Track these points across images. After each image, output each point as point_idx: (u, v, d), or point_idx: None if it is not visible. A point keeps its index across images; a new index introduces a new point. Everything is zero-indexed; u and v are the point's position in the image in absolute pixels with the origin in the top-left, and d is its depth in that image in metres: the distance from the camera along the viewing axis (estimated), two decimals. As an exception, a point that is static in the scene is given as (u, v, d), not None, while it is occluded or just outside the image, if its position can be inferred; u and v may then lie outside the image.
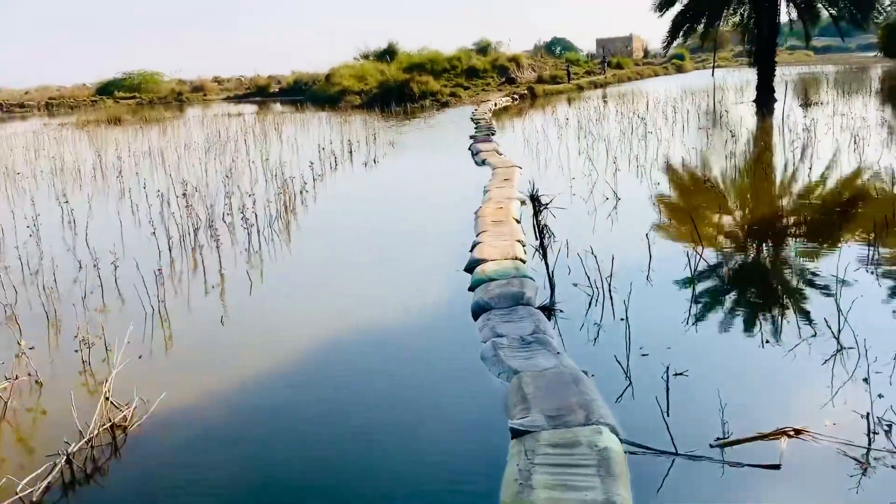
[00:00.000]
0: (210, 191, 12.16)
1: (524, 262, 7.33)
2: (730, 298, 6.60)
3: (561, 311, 6.05)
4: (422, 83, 34.96)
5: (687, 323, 5.86)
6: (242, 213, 9.91)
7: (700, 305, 6.22)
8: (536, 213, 6.44)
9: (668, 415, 4.19)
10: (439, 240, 9.14)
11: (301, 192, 12.21)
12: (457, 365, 5.31)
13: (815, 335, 5.35)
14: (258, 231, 9.52)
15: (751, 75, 42.02)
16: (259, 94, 52.69)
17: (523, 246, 7.94)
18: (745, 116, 21.40)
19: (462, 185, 12.78)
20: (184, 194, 10.32)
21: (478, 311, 6.03)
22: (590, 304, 6.27)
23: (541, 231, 6.42)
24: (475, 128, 21.82)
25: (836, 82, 32.59)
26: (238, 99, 52.39)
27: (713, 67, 45.39)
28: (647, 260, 7.21)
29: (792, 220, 9.54)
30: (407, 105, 32.66)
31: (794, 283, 6.90)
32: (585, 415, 4.03)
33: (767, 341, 5.39)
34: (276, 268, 8.31)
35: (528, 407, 4.19)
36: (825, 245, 7.98)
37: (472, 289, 6.70)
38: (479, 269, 6.99)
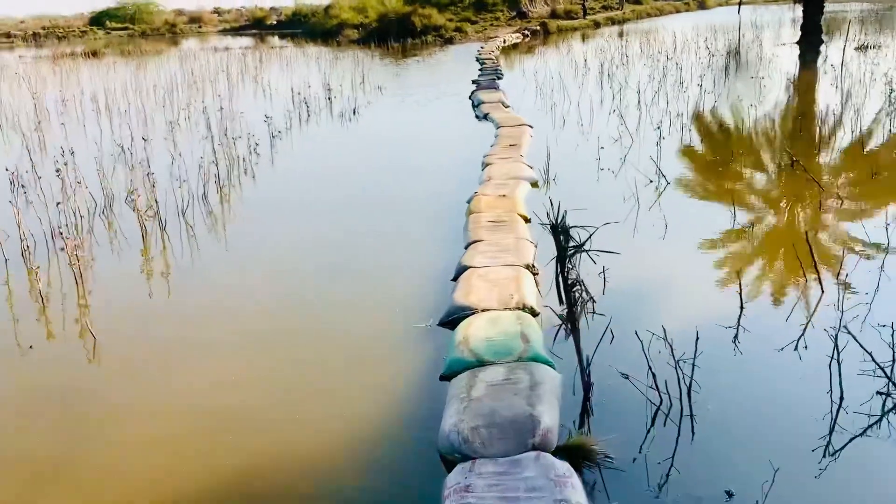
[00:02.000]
0: (130, 157, 9.10)
1: (536, 313, 4.41)
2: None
3: (608, 456, 3.13)
4: (425, 16, 31.16)
5: (836, 457, 3.00)
6: (146, 197, 6.96)
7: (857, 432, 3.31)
8: (562, 260, 3.47)
9: None
10: (411, 252, 6.16)
11: (244, 161, 9.19)
12: None
13: None
14: (161, 224, 6.59)
15: (781, 13, 37.95)
16: (256, 26, 48.71)
17: (534, 273, 5.01)
18: (792, 62, 17.97)
19: (456, 150, 9.76)
20: (57, 172, 7.24)
21: (450, 454, 3.15)
22: (654, 419, 3.40)
23: (568, 293, 3.47)
24: (479, 69, 18.50)
25: (877, 22, 28.77)
26: (234, 31, 48.48)
27: (739, 3, 41.20)
28: (739, 316, 4.30)
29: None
30: (408, 41, 29.07)
31: None
32: None
33: None
34: (176, 288, 5.42)
35: None
36: None
37: (445, 377, 3.81)
38: (461, 334, 4.05)
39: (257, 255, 6.12)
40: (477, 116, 12.09)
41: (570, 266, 3.42)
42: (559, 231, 3.35)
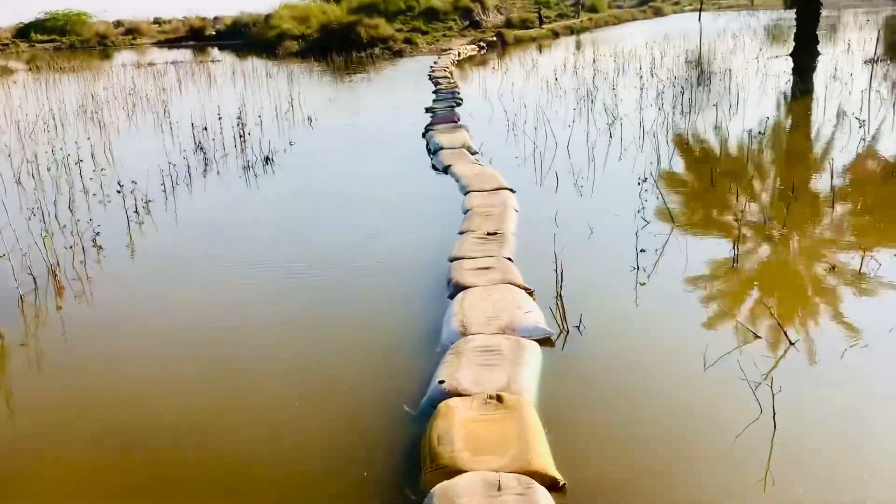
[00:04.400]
0: None
1: None
2: None
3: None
4: (371, 27, 27.55)
5: None
6: None
7: None
8: None
9: None
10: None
11: (79, 262, 5.61)
12: None
13: None
14: None
15: (744, 19, 35.24)
16: (193, 37, 44.44)
17: None
18: (787, 79, 15.00)
19: (404, 230, 6.32)
20: None
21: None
22: None
23: None
24: (434, 91, 15.08)
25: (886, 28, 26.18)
26: (171, 44, 44.14)
27: (700, 11, 38.69)
28: None
29: None
30: (352, 54, 25.45)
31: None
32: None
33: None
34: None
35: None
36: None
37: None
38: None
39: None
40: (434, 167, 8.63)
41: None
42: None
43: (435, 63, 20.70)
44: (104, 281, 5.60)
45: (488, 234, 5.72)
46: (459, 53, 24.29)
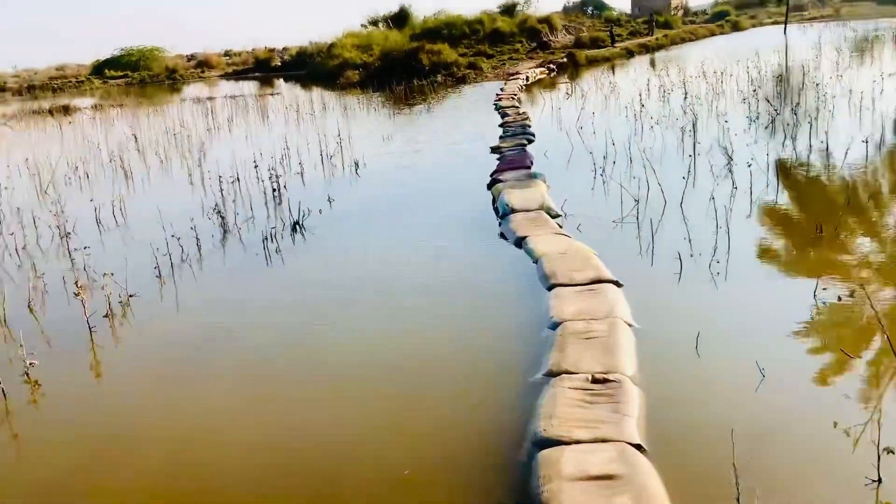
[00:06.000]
0: None
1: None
2: None
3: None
4: (433, 53, 25.72)
5: None
6: None
7: None
8: None
9: None
10: None
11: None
12: None
13: None
14: None
15: (834, 33, 31.45)
16: (259, 68, 43.88)
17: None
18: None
19: (454, 379, 4.16)
20: None
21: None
22: None
23: None
24: (501, 125, 13.01)
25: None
26: (238, 75, 43.69)
27: (785, 24, 35.51)
28: None
29: None
30: (413, 82, 23.69)
31: None
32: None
33: None
34: None
35: None
36: None
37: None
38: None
39: None
40: (504, 236, 6.51)
41: None
42: None
43: (501, 90, 18.63)
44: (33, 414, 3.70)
45: (594, 379, 3.56)
46: (528, 77, 22.17)
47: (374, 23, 38.55)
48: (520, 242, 5.97)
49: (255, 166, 9.58)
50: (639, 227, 6.28)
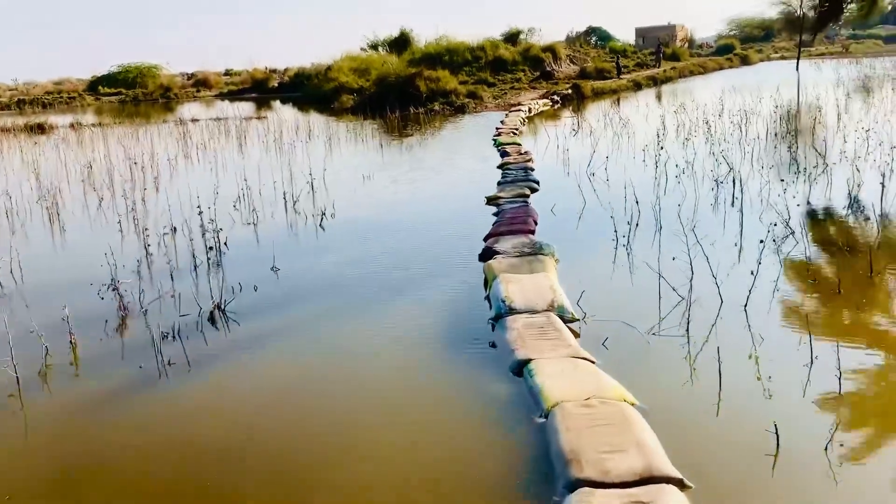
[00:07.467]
0: None
1: None
2: None
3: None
4: (432, 80, 23.90)
5: None
6: None
7: None
8: None
9: None
10: None
11: None
12: None
13: None
14: None
15: (848, 71, 29.59)
16: (255, 89, 42.22)
17: None
18: None
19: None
20: None
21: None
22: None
23: None
24: (500, 165, 11.10)
25: None
26: (233, 95, 41.95)
27: (797, 59, 33.87)
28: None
29: None
30: (410, 109, 21.86)
31: None
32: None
33: None
34: None
35: None
36: None
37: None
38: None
39: None
40: (494, 345, 4.52)
41: None
42: None
43: (502, 123, 16.77)
44: None
45: None
46: (530, 109, 20.33)
47: (374, 46, 36.97)
48: (520, 369, 3.99)
49: (200, 212, 7.61)
50: (689, 347, 4.31)
